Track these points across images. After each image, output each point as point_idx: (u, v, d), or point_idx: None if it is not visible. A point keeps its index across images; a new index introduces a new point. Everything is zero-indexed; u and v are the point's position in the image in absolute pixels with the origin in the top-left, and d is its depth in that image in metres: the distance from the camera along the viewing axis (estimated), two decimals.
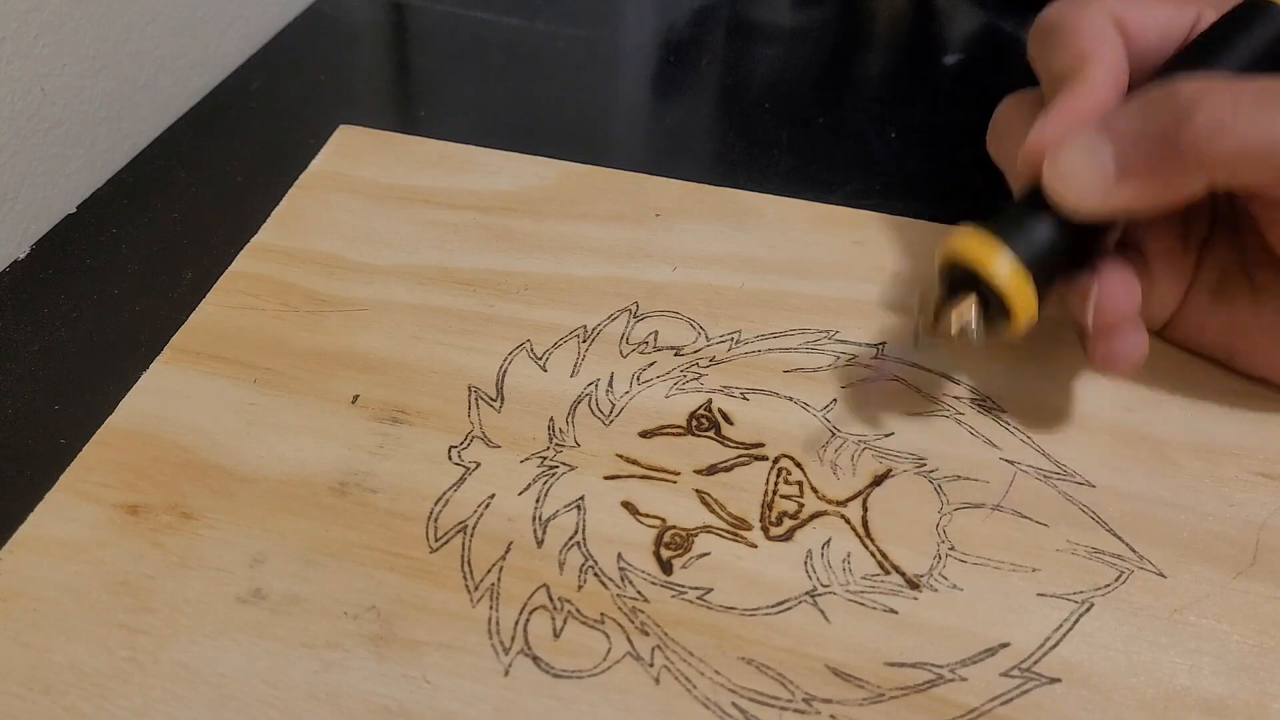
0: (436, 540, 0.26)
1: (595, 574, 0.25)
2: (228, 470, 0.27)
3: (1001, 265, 0.25)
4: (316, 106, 0.44)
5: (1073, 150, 0.25)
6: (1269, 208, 0.27)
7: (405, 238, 0.35)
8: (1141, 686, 0.23)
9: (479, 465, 0.28)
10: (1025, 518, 0.27)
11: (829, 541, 0.26)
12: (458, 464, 0.28)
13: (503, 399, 0.30)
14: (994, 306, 0.26)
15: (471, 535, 0.26)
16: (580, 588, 0.25)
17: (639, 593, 0.25)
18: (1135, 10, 0.28)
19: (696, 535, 0.26)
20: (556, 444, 0.28)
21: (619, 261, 0.34)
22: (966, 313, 0.26)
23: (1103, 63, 0.27)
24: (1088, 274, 0.27)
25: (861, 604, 0.25)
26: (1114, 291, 0.26)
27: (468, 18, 0.50)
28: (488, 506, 0.27)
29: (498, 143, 0.39)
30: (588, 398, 0.30)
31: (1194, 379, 0.30)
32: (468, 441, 0.28)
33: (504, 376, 0.30)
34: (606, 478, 0.28)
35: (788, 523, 0.27)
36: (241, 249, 0.34)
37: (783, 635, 0.24)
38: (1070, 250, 0.26)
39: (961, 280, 0.26)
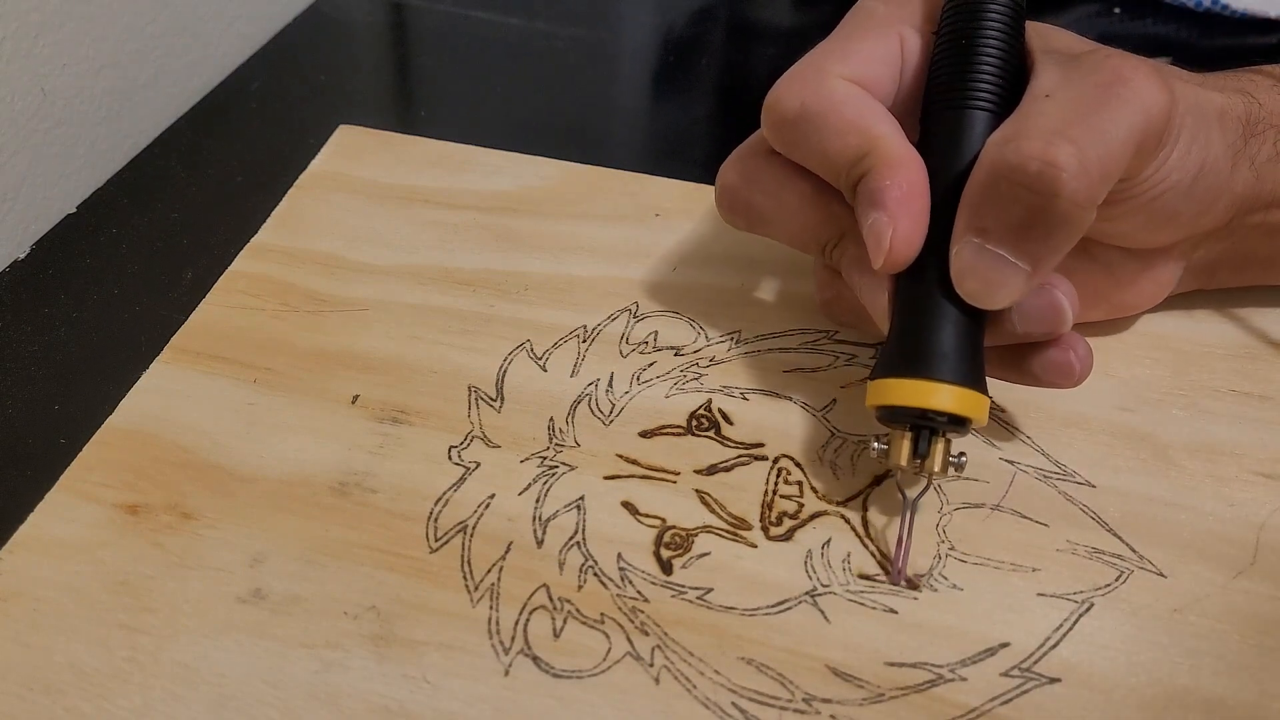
0: (436, 540, 0.26)
1: (595, 574, 0.25)
2: (228, 470, 0.27)
3: (944, 400, 0.24)
4: (316, 106, 0.44)
5: (978, 269, 0.24)
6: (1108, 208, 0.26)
7: (405, 238, 0.35)
8: (1141, 686, 0.23)
9: (479, 465, 0.28)
10: (1025, 518, 0.27)
11: (829, 541, 0.26)
12: (458, 464, 0.28)
13: (503, 399, 0.30)
14: (948, 425, 0.25)
15: (471, 535, 0.26)
16: (580, 588, 0.25)
17: (639, 593, 0.25)
18: (858, 64, 0.27)
19: (696, 535, 0.26)
20: (556, 444, 0.28)
21: (619, 261, 0.34)
22: (938, 455, 0.25)
23: (888, 134, 0.25)
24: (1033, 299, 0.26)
25: (861, 604, 0.25)
26: (1070, 292, 0.26)
27: (468, 18, 0.50)
28: (488, 506, 0.27)
29: (498, 143, 0.39)
30: (588, 398, 0.30)
31: (1194, 378, 0.30)
32: (468, 441, 0.28)
33: (504, 376, 0.30)
34: (606, 478, 0.28)
35: (788, 523, 0.27)
36: (241, 249, 0.34)
37: (783, 635, 0.24)
38: (979, 320, 0.25)
39: (899, 413, 0.25)
